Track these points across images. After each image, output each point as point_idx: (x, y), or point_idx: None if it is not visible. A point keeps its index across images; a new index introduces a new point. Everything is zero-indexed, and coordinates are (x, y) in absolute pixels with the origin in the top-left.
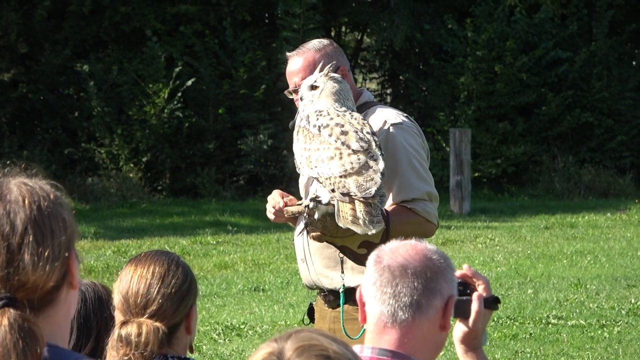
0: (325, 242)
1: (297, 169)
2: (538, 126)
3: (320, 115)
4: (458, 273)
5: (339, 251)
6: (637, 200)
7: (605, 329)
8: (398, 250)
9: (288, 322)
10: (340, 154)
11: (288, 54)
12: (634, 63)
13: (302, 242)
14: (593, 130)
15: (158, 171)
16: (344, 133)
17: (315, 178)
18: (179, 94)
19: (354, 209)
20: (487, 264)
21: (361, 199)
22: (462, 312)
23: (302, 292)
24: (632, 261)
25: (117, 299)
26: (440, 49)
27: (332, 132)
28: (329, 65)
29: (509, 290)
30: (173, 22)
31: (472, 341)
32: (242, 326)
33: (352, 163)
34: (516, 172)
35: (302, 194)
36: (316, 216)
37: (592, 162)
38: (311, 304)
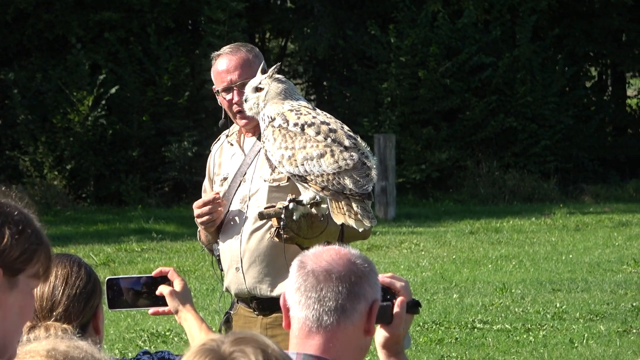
0: (266, 249)
1: (269, 169)
2: (462, 131)
3: (300, 113)
4: (379, 277)
5: (284, 257)
6: (561, 205)
7: (530, 333)
8: (322, 255)
9: (214, 329)
10: (332, 151)
11: (216, 52)
12: (557, 68)
13: (237, 250)
14: (517, 135)
15: (82, 179)
16: (333, 131)
17: (299, 176)
18: (103, 102)
19: (349, 204)
20: (413, 269)
21: (357, 196)
22: (383, 318)
23: (227, 298)
24: (556, 265)
25: None
26: (363, 55)
27: (320, 130)
28: (273, 67)
29: (434, 295)
30: (96, 29)
31: (394, 346)
32: (167, 333)
33: (345, 160)
34: (441, 178)
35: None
36: (295, 217)
37: (517, 167)
38: (228, 314)
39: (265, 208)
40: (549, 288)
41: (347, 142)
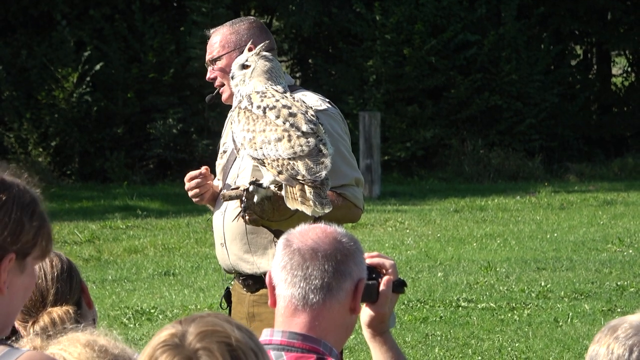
0: (244, 228)
1: (235, 150)
2: (447, 109)
3: (264, 96)
4: (365, 255)
5: (271, 237)
6: (546, 183)
7: (515, 311)
8: (308, 234)
9: (199, 307)
10: (289, 136)
11: (212, 30)
12: (542, 46)
13: (221, 226)
14: (502, 114)
15: (67, 155)
16: (292, 115)
17: (259, 160)
18: (88, 78)
19: (303, 190)
20: (397, 247)
21: (309, 183)
22: (369, 297)
23: (212, 276)
24: (541, 244)
25: None
26: (348, 32)
27: (280, 114)
28: (261, 45)
29: (419, 274)
30: (81, 5)
31: (379, 325)
32: (152, 310)
33: (301, 146)
34: (425, 156)
35: (218, 176)
36: (255, 199)
37: (501, 145)
38: (228, 288)
39: (230, 189)
40: (534, 267)
41: (304, 128)
